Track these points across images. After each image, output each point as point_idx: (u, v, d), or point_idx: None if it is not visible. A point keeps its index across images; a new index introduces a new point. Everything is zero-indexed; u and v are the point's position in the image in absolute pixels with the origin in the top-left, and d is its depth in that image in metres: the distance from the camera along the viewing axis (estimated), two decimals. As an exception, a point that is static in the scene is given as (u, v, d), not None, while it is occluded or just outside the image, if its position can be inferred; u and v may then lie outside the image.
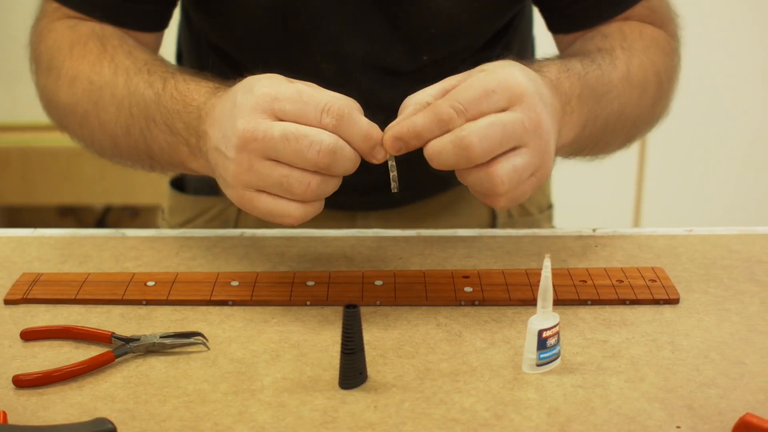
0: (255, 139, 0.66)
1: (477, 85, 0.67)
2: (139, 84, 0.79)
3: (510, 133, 0.65)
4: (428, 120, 0.66)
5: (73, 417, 0.59)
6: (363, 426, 0.58)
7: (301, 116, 0.66)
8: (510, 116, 0.66)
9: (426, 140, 0.67)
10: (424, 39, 0.92)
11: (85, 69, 0.83)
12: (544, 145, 0.68)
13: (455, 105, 0.66)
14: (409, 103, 0.70)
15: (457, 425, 0.58)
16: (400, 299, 0.72)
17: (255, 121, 0.66)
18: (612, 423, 0.58)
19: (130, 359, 0.65)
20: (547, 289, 0.62)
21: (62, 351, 0.67)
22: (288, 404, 0.60)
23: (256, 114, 0.66)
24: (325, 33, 0.91)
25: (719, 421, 0.59)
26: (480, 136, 0.65)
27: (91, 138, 0.85)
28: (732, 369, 0.65)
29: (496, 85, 0.66)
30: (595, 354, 0.66)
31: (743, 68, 2.26)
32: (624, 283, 0.75)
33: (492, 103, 0.66)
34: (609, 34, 0.90)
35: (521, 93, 0.67)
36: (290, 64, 0.94)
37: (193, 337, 0.67)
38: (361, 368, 0.62)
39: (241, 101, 0.68)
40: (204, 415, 0.59)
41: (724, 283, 0.77)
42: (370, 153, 0.68)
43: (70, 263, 0.81)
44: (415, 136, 0.67)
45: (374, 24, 0.90)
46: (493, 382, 0.62)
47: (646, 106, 0.88)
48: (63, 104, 0.85)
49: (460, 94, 0.67)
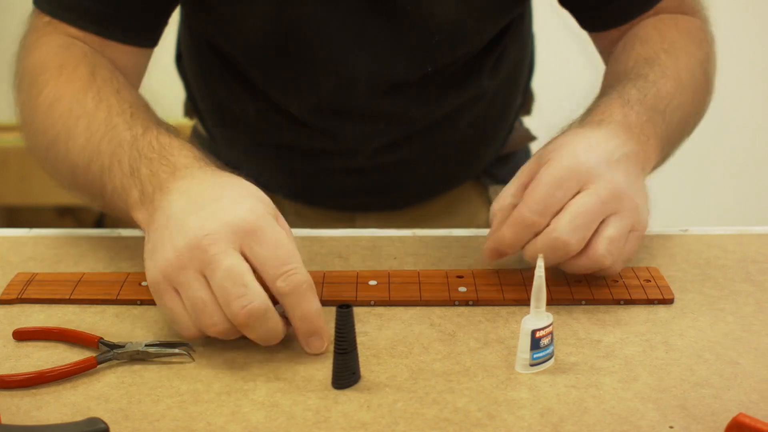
0: (203, 249, 0.62)
1: (547, 180, 0.70)
2: (118, 124, 0.76)
3: (592, 214, 0.69)
4: (516, 230, 0.70)
5: (67, 417, 0.59)
6: (355, 426, 0.58)
7: (262, 266, 0.63)
8: (586, 199, 0.69)
9: (520, 245, 0.71)
10: (428, 49, 0.92)
11: (69, 94, 0.80)
12: (629, 204, 0.71)
13: (534, 208, 0.69)
14: (496, 210, 0.73)
15: (449, 425, 0.58)
16: (394, 299, 0.72)
17: (220, 238, 0.63)
18: (605, 423, 0.58)
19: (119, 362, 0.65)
20: (540, 289, 0.62)
21: (56, 351, 0.67)
22: (281, 404, 0.60)
23: (226, 233, 0.63)
24: (327, 50, 0.91)
25: (712, 421, 0.59)
26: (569, 231, 0.68)
27: (54, 164, 0.82)
28: (726, 369, 0.64)
29: (564, 174, 0.70)
30: (589, 354, 0.66)
31: (742, 68, 2.25)
32: (618, 283, 0.75)
33: (566, 191, 0.70)
34: (647, 38, 0.90)
35: (588, 171, 0.70)
36: (291, 78, 0.94)
37: (178, 347, 0.65)
38: (354, 368, 0.62)
39: (223, 206, 0.64)
40: (197, 414, 0.59)
41: (719, 283, 0.77)
42: (305, 339, 0.65)
43: (65, 263, 0.81)
44: (508, 246, 0.72)
45: (378, 39, 0.90)
46: (486, 382, 0.62)
47: (699, 101, 0.90)
48: (37, 124, 0.82)
49: (536, 194, 0.70)
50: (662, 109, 0.82)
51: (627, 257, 0.72)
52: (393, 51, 0.91)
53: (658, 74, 0.85)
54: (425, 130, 1.01)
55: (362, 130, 0.99)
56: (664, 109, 0.82)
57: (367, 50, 0.91)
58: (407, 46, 0.91)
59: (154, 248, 0.66)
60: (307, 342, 0.65)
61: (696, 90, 0.88)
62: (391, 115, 0.98)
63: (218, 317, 0.63)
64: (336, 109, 0.97)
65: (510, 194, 0.73)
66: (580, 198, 0.70)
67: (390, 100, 0.97)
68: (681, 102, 0.85)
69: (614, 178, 0.71)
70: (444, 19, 0.90)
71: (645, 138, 0.78)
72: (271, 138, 1.02)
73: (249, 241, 0.63)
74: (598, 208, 0.69)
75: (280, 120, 0.98)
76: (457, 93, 1.00)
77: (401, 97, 0.96)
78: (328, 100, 0.96)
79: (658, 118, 0.81)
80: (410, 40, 0.91)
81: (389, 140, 1.01)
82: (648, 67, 0.86)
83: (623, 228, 0.71)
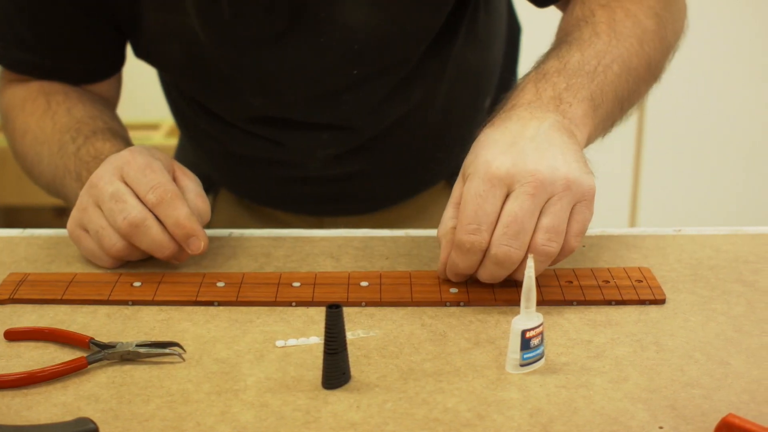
0: (95, 186, 0.77)
1: (471, 198, 0.69)
2: (66, 140, 0.88)
3: (524, 215, 0.68)
4: (462, 256, 0.70)
5: (57, 417, 0.59)
6: (345, 426, 0.58)
7: (135, 185, 0.76)
8: (513, 204, 0.68)
9: (473, 268, 0.71)
10: (350, 56, 0.91)
11: (33, 125, 0.93)
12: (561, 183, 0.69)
13: (468, 229, 0.69)
14: (440, 236, 0.73)
15: (439, 425, 0.58)
16: (385, 300, 0.72)
17: (105, 173, 0.77)
18: (594, 423, 0.58)
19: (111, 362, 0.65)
20: (530, 289, 0.62)
21: (47, 351, 0.67)
22: (270, 404, 0.60)
23: (110, 169, 0.77)
24: (248, 71, 0.92)
25: (702, 421, 0.59)
26: (506, 242, 0.68)
27: (38, 183, 0.96)
28: (716, 369, 0.64)
29: (484, 188, 0.69)
30: (580, 354, 0.66)
31: (737, 69, 2.26)
32: (610, 283, 0.75)
33: (492, 202, 0.69)
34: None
35: (506, 175, 0.69)
36: (223, 96, 0.97)
37: (168, 347, 0.65)
38: (344, 368, 0.62)
39: (108, 159, 0.79)
40: (186, 414, 0.59)
41: (710, 283, 0.77)
42: (184, 241, 0.76)
43: (57, 263, 0.81)
44: (462, 274, 0.73)
45: (295, 50, 0.90)
46: (477, 382, 0.62)
47: (656, 44, 0.86)
48: (18, 154, 0.97)
49: (466, 215, 0.69)
50: (590, 69, 0.79)
51: (581, 229, 0.71)
52: (313, 60, 0.91)
53: (587, 35, 0.82)
54: (374, 139, 1.00)
55: (306, 139, 0.99)
56: (592, 70, 0.79)
57: (287, 62, 0.91)
58: (327, 54, 0.90)
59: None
60: (187, 245, 0.76)
61: (643, 35, 0.85)
62: (334, 126, 0.98)
63: (114, 238, 0.76)
64: (275, 119, 0.97)
65: (449, 217, 0.72)
66: (507, 205, 0.69)
67: (330, 111, 0.96)
68: (617, 54, 0.82)
69: (535, 167, 0.69)
70: (359, 26, 0.88)
71: (567, 105, 0.76)
72: (227, 147, 1.04)
73: (126, 170, 0.76)
74: (528, 207, 0.68)
75: (229, 130, 1.02)
76: (401, 101, 0.98)
77: (342, 107, 0.96)
78: (263, 112, 0.97)
79: (582, 81, 0.78)
80: (329, 49, 0.90)
81: (338, 151, 1.00)
82: (578, 29, 0.84)
83: (561, 210, 0.69)
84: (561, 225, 0.69)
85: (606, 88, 0.80)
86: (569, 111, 0.76)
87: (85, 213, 0.78)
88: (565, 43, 0.82)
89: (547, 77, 0.78)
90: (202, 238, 0.76)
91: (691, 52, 1.13)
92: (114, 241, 0.76)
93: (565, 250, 0.70)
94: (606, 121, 0.81)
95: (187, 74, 0.97)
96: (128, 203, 0.75)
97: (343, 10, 0.87)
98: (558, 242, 0.69)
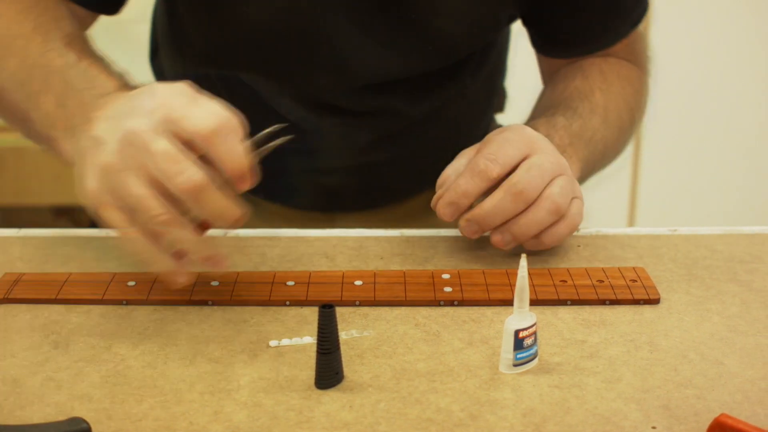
0: (134, 143, 0.62)
1: (498, 139, 0.76)
2: (52, 50, 0.76)
3: (545, 170, 0.75)
4: (469, 177, 0.75)
5: (51, 416, 0.59)
6: (337, 426, 0.58)
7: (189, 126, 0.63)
8: (537, 159, 0.75)
9: (474, 196, 0.75)
10: (424, 54, 0.96)
11: (8, 14, 0.80)
12: (569, 173, 0.78)
13: (487, 156, 0.75)
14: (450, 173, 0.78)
15: (431, 425, 0.58)
16: (379, 299, 0.72)
17: (146, 125, 0.63)
18: (587, 423, 0.58)
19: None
20: (523, 289, 0.62)
21: (42, 351, 0.67)
22: (263, 404, 0.60)
23: (150, 120, 0.63)
24: (330, 46, 0.93)
25: (695, 421, 0.59)
26: (526, 180, 0.74)
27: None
28: (710, 369, 0.64)
29: (512, 135, 0.76)
30: (573, 354, 0.66)
31: (729, 70, 2.26)
32: (604, 283, 0.75)
33: (515, 149, 0.75)
34: (589, 74, 0.97)
35: (534, 139, 0.77)
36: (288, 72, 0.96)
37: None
38: (337, 368, 0.62)
39: (140, 104, 0.65)
40: (179, 414, 0.59)
41: (705, 283, 0.77)
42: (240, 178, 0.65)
43: (52, 263, 0.81)
44: (463, 195, 0.75)
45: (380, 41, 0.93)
46: (470, 382, 0.62)
47: (622, 142, 1.00)
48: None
49: (487, 149, 0.76)
50: (587, 138, 0.89)
51: (576, 219, 0.78)
52: (391, 53, 0.94)
53: (587, 109, 0.92)
54: (409, 127, 1.03)
55: (349, 125, 1.00)
56: (588, 140, 0.89)
57: (369, 51, 0.93)
58: (405, 50, 0.94)
59: (88, 167, 0.66)
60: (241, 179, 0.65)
61: (621, 131, 0.96)
62: (378, 111, 1.00)
63: (161, 207, 0.62)
64: (327, 104, 0.98)
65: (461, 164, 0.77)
66: (531, 157, 0.75)
67: (378, 97, 0.98)
68: (604, 136, 0.92)
69: (555, 152, 0.78)
70: (444, 32, 0.93)
71: (567, 156, 0.83)
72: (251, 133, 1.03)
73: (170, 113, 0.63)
74: (548, 168, 0.75)
75: (262, 119, 0.99)
76: (441, 91, 1.02)
77: (389, 94, 0.99)
78: (322, 95, 0.97)
79: (580, 144, 0.87)
80: (409, 46, 0.94)
81: (374, 137, 1.02)
82: (580, 101, 0.92)
83: (568, 185, 0.76)
84: (568, 195, 0.76)
85: (591, 158, 0.90)
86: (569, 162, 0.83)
87: (118, 176, 0.63)
88: (570, 109, 0.91)
89: (556, 129, 0.86)
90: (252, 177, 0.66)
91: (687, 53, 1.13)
92: (160, 211, 0.62)
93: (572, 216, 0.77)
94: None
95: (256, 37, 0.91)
96: (189, 164, 0.62)
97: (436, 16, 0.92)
98: (567, 203, 0.76)
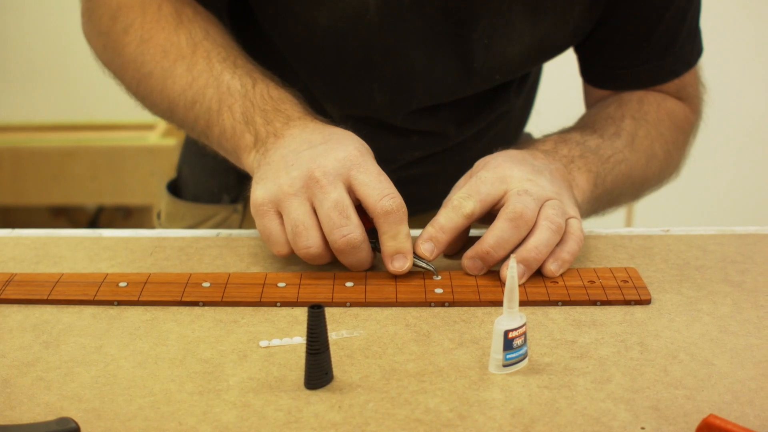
0: (317, 183, 0.71)
1: (477, 174, 0.78)
2: (224, 72, 0.83)
3: (534, 195, 0.74)
4: (444, 212, 0.76)
5: (40, 416, 0.59)
6: (326, 426, 0.58)
7: (366, 188, 0.72)
8: (522, 186, 0.75)
9: (450, 230, 0.75)
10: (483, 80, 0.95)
11: (160, 37, 0.85)
12: (558, 198, 0.76)
13: (461, 193, 0.77)
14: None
15: (420, 425, 0.58)
16: (370, 300, 0.72)
17: (331, 171, 0.71)
18: (576, 424, 0.58)
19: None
20: (512, 289, 0.62)
21: (32, 351, 0.67)
22: (252, 404, 0.60)
23: (338, 167, 0.72)
24: (391, 67, 0.92)
25: (684, 422, 0.59)
26: (522, 204, 0.73)
27: (144, 93, 0.88)
28: (700, 370, 0.64)
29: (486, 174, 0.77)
30: (563, 355, 0.66)
31: (726, 69, 2.26)
32: (595, 283, 0.75)
33: (489, 186, 0.76)
34: (626, 102, 0.94)
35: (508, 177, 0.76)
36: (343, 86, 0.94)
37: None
38: (327, 368, 0.62)
39: (332, 147, 0.73)
40: (169, 414, 0.59)
41: (697, 283, 0.77)
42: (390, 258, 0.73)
43: (44, 263, 0.81)
44: (440, 229, 0.75)
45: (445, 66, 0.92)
46: (459, 382, 0.62)
47: (654, 172, 0.94)
48: (127, 58, 0.87)
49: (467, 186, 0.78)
50: (604, 155, 0.86)
51: (581, 235, 0.77)
52: (454, 78, 0.93)
53: (611, 131, 0.90)
54: (455, 146, 1.03)
55: (397, 144, 0.99)
56: (606, 157, 0.86)
57: (432, 74, 0.92)
58: (469, 74, 0.93)
59: (265, 177, 0.74)
60: (392, 260, 0.73)
61: (652, 159, 0.92)
62: (425, 132, 1.00)
63: (314, 241, 0.72)
64: (376, 120, 0.97)
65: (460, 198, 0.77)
66: (515, 188, 0.75)
67: (429, 118, 0.98)
68: (627, 158, 0.89)
69: (537, 181, 0.76)
70: (508, 56, 0.92)
71: (575, 168, 0.82)
72: None
73: (356, 172, 0.72)
74: (536, 192, 0.74)
75: None
76: (489, 112, 1.02)
77: (439, 115, 0.98)
78: (374, 111, 0.96)
79: (594, 158, 0.85)
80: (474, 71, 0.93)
81: (419, 156, 1.02)
82: (606, 124, 0.91)
83: (558, 204, 0.75)
84: (559, 214, 0.75)
85: (608, 178, 0.86)
86: (575, 173, 0.83)
87: (292, 199, 0.72)
88: (589, 128, 0.89)
89: (566, 141, 0.85)
90: (409, 259, 0.74)
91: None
92: (311, 244, 0.72)
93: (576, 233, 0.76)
94: (594, 204, 0.87)
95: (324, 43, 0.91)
96: (352, 222, 0.71)
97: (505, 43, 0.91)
98: (563, 224, 0.75)
